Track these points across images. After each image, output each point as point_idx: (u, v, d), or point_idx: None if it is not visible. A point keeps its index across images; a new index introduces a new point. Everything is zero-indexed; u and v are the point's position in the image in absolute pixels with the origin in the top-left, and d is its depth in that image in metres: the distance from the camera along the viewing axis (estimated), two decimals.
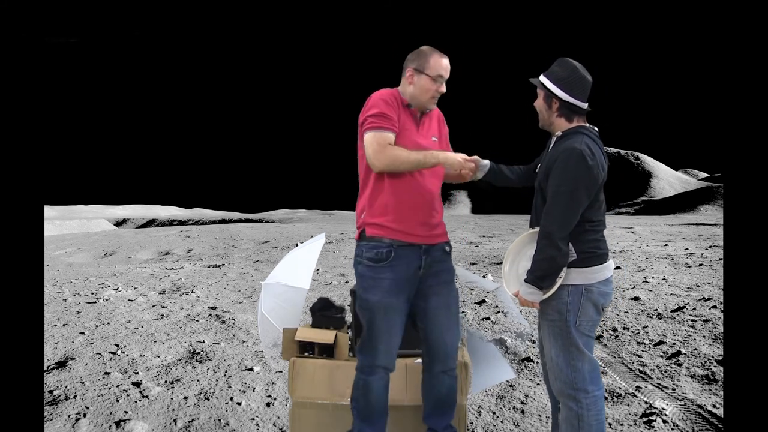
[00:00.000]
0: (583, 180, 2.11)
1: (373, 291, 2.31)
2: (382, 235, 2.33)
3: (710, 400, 3.31)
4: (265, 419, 3.20)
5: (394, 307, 2.33)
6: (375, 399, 2.38)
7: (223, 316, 5.73)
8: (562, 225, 2.13)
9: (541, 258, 2.16)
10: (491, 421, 3.15)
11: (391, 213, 2.34)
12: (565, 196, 2.11)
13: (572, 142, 2.17)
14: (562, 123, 2.29)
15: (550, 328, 2.25)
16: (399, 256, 2.32)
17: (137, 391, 3.60)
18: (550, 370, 2.29)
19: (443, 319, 2.42)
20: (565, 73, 2.26)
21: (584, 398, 2.21)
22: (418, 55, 2.41)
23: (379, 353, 2.34)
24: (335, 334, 2.64)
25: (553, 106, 2.28)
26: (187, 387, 3.69)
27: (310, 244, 3.05)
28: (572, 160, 2.12)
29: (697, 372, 3.76)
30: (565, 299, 2.21)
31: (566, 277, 2.20)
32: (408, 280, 2.35)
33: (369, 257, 2.33)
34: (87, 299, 6.89)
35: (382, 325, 2.33)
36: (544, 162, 2.31)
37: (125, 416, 3.22)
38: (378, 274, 2.31)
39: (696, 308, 5.48)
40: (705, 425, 3.01)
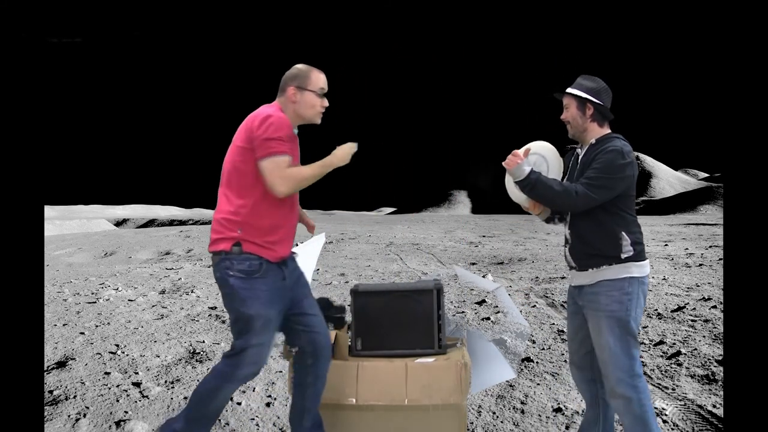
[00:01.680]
0: (622, 173, 2.34)
1: (252, 303, 2.35)
2: (257, 254, 2.38)
3: (710, 400, 3.31)
4: (265, 419, 3.20)
5: (271, 318, 2.40)
6: (216, 405, 2.42)
7: (223, 316, 5.73)
8: (588, 200, 2.32)
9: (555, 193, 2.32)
10: (491, 421, 3.15)
11: (271, 235, 2.41)
12: (607, 183, 2.31)
13: (612, 144, 2.39)
14: (595, 128, 2.48)
15: (608, 320, 2.35)
16: (268, 270, 2.40)
17: (137, 391, 3.60)
18: (607, 360, 2.36)
19: (321, 316, 2.58)
20: (593, 84, 2.47)
21: (641, 384, 2.33)
22: (297, 73, 2.51)
23: (245, 363, 2.38)
24: (335, 334, 2.64)
25: (587, 112, 2.46)
26: (187, 387, 3.69)
27: (310, 244, 3.05)
28: (617, 155, 2.33)
29: (697, 372, 3.76)
30: (627, 290, 2.35)
31: (627, 269, 2.36)
32: (279, 291, 2.43)
33: (241, 269, 2.35)
34: (87, 299, 6.89)
35: (258, 337, 2.37)
36: (578, 168, 2.50)
37: (125, 416, 3.22)
38: (253, 286, 2.36)
39: (696, 308, 5.48)
40: (705, 425, 3.01)
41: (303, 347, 2.54)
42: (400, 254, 11.73)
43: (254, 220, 2.38)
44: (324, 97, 2.54)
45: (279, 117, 2.38)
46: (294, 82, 2.49)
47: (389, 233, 17.67)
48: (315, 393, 2.52)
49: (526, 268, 9.17)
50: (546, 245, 12.83)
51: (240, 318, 2.37)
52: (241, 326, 2.37)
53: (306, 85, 2.48)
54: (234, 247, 2.36)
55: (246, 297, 2.35)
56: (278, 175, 2.31)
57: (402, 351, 2.58)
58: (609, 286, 2.35)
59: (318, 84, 2.51)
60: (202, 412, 2.41)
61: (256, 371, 2.43)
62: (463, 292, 6.81)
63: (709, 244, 11.93)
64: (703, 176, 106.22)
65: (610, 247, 2.37)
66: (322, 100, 2.53)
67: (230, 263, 2.36)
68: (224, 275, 2.38)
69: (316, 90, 2.50)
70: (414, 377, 2.54)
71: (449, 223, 25.34)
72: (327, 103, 2.55)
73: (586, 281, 2.43)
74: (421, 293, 2.60)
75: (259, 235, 2.39)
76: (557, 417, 3.18)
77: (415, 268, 9.52)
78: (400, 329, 2.61)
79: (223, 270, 2.38)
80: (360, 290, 2.63)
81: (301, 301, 2.55)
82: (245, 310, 2.35)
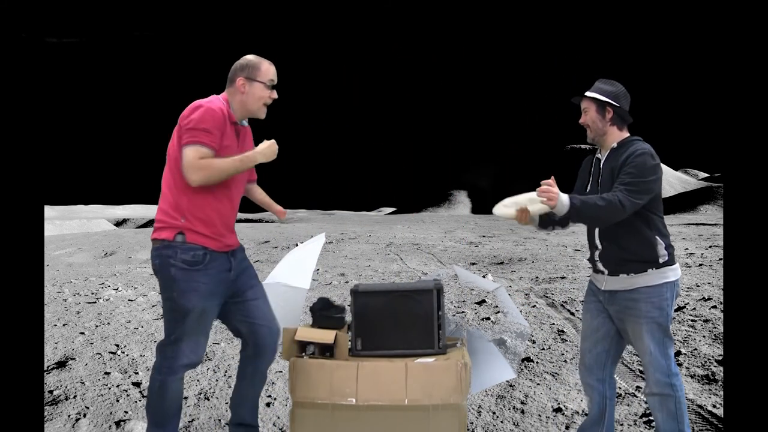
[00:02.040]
0: (656, 174, 2.36)
1: (189, 296, 2.35)
2: (202, 244, 2.37)
3: (710, 400, 3.31)
4: (265, 419, 3.20)
5: (208, 310, 2.41)
6: (171, 400, 2.43)
7: None
8: (633, 206, 2.30)
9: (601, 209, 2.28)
10: (491, 421, 3.15)
11: (213, 225, 2.40)
12: (645, 186, 2.32)
13: (638, 146, 2.40)
14: (615, 132, 2.48)
15: (648, 326, 2.39)
16: (213, 260, 2.39)
17: (137, 391, 3.60)
18: (646, 364, 2.42)
19: (266, 309, 2.58)
20: (612, 88, 2.48)
21: (678, 382, 2.39)
22: (246, 64, 2.47)
23: (183, 354, 2.39)
24: (335, 334, 2.64)
25: (607, 115, 2.46)
26: (187, 387, 3.69)
27: (310, 244, 3.05)
28: (649, 158, 2.35)
29: (697, 372, 3.76)
30: (665, 296, 2.39)
31: (664, 275, 2.39)
32: (222, 282, 2.43)
33: (185, 259, 2.34)
34: (87, 299, 6.88)
35: (194, 328, 2.39)
36: (602, 173, 2.50)
37: (125, 416, 3.22)
38: (193, 278, 2.35)
39: (696, 308, 5.48)
40: (705, 425, 3.01)
41: (244, 337, 2.59)
42: (400, 254, 11.73)
43: (196, 210, 2.37)
44: (273, 89, 2.51)
45: (210, 108, 2.34)
46: (243, 73, 2.46)
47: (389, 233, 17.67)
48: (251, 384, 2.59)
49: (526, 268, 9.17)
50: (546, 245, 12.83)
51: (176, 309, 2.37)
52: (177, 317, 2.38)
53: (255, 76, 2.45)
54: (177, 235, 2.35)
55: (185, 289, 2.34)
56: (193, 164, 2.28)
57: (402, 351, 2.58)
58: (648, 293, 2.38)
59: (268, 75, 2.48)
60: (161, 413, 2.42)
61: (195, 361, 2.45)
62: (463, 292, 6.81)
63: (709, 244, 11.93)
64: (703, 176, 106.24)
65: (647, 251, 2.39)
66: (271, 92, 2.50)
67: (173, 251, 2.35)
68: (165, 263, 2.36)
69: (265, 81, 2.47)
70: (414, 377, 2.54)
71: (449, 223, 25.33)
72: (276, 95, 2.52)
73: (620, 287, 2.44)
74: (421, 293, 2.60)
75: (203, 225, 2.38)
76: (557, 417, 3.18)
77: (415, 268, 9.52)
78: (400, 329, 2.61)
79: (164, 258, 2.37)
80: (360, 290, 2.63)
81: (245, 291, 2.55)
82: (183, 302, 2.35)
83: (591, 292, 2.63)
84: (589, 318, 2.61)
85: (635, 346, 2.47)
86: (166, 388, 2.40)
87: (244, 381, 2.62)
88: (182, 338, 2.38)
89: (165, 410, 2.42)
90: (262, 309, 2.58)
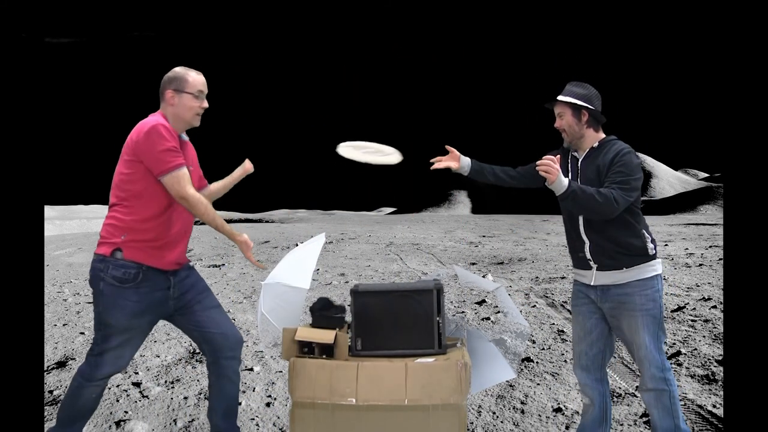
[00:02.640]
0: (641, 172, 2.43)
1: (114, 312, 2.35)
2: (140, 261, 2.37)
3: (710, 400, 3.31)
4: (265, 419, 3.20)
5: (135, 327, 2.41)
6: (83, 404, 2.44)
7: None
8: (624, 203, 2.33)
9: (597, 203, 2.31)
10: (491, 421, 3.15)
11: (155, 243, 2.39)
12: (636, 184, 2.37)
13: (621, 145, 2.45)
14: (591, 134, 2.52)
15: (644, 318, 2.40)
16: (147, 279, 2.38)
17: (137, 391, 3.60)
18: (642, 358, 2.42)
19: (219, 317, 2.58)
20: (584, 91, 2.51)
21: (671, 377, 2.40)
22: (174, 76, 2.48)
23: (105, 364, 2.40)
24: (335, 334, 2.64)
25: (583, 118, 2.49)
26: (187, 387, 3.69)
27: (310, 244, 3.05)
28: (634, 156, 2.42)
29: (697, 372, 3.76)
30: (657, 287, 2.42)
31: (654, 267, 2.43)
32: (155, 302, 2.42)
33: (115, 275, 2.34)
34: (87, 299, 6.88)
35: (118, 343, 2.40)
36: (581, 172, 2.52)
37: (125, 416, 3.22)
38: (122, 296, 2.35)
39: (696, 308, 5.48)
40: (705, 425, 3.01)
41: (200, 346, 2.61)
42: (400, 254, 11.73)
43: (139, 227, 2.37)
44: (203, 98, 2.52)
45: (159, 126, 2.35)
46: (171, 86, 2.47)
47: (389, 233, 17.67)
48: (219, 391, 2.59)
49: (526, 268, 9.17)
50: (546, 245, 12.83)
51: (101, 323, 2.39)
52: (101, 330, 2.40)
53: (183, 87, 2.46)
54: (115, 251, 2.36)
55: (110, 305, 2.35)
56: (183, 192, 2.32)
57: (402, 351, 2.58)
58: (642, 285, 2.40)
59: (196, 86, 2.48)
60: (71, 412, 2.44)
61: (116, 371, 2.47)
62: (463, 292, 6.81)
63: (709, 244, 11.93)
64: (703, 176, 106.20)
65: (638, 245, 2.42)
66: (201, 102, 2.50)
67: (105, 266, 2.35)
68: (96, 276, 2.38)
69: (193, 92, 2.47)
70: (414, 377, 2.54)
71: (449, 223, 25.33)
72: (206, 104, 2.53)
73: (612, 281, 2.45)
74: (421, 293, 2.60)
75: (143, 242, 2.38)
76: (557, 417, 3.18)
77: (415, 268, 9.52)
78: (400, 329, 2.61)
79: (96, 271, 2.38)
80: (360, 290, 2.63)
81: (193, 305, 2.55)
82: (106, 317, 2.36)
83: (579, 293, 2.62)
84: (582, 320, 2.61)
85: (629, 340, 2.46)
86: (83, 391, 2.42)
87: (212, 389, 2.64)
88: (106, 351, 2.40)
89: (75, 412, 2.44)
90: (214, 318, 2.58)
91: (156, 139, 2.32)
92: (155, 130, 2.33)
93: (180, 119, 2.48)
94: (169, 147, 2.33)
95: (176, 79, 2.47)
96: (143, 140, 2.34)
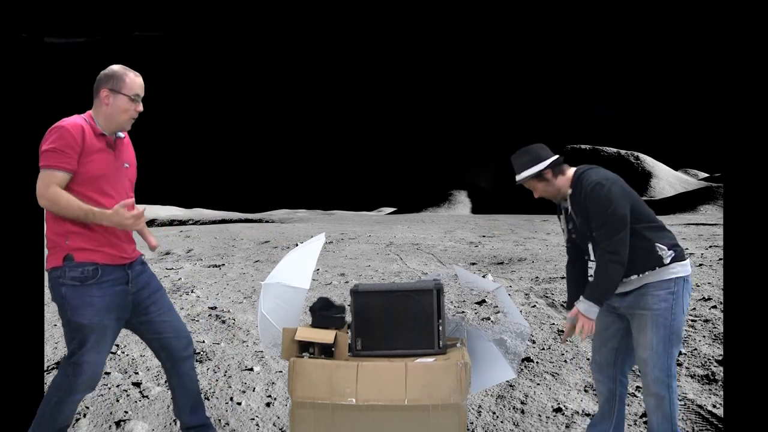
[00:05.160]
0: (612, 198, 2.34)
1: (83, 311, 2.30)
2: (92, 260, 2.32)
3: (710, 400, 3.31)
4: (265, 419, 3.20)
5: (105, 325, 2.36)
6: (62, 420, 2.39)
7: (223, 316, 5.73)
8: (624, 242, 2.32)
9: (609, 275, 2.33)
10: (491, 421, 3.15)
11: (100, 239, 2.34)
12: (615, 217, 2.32)
13: (584, 181, 2.43)
14: (563, 181, 2.52)
15: (653, 318, 2.38)
16: (106, 273, 2.34)
17: (137, 391, 3.60)
18: (647, 359, 2.41)
19: (173, 320, 2.59)
20: (528, 156, 2.53)
21: (674, 384, 2.40)
22: (111, 75, 2.38)
23: (84, 372, 2.36)
24: (335, 334, 2.64)
25: (547, 176, 2.51)
26: None
27: (310, 244, 3.05)
28: (597, 187, 2.36)
29: (697, 372, 3.76)
30: (673, 289, 2.39)
31: (672, 271, 2.39)
32: (118, 296, 2.38)
33: (74, 276, 2.29)
34: None
35: (94, 345, 2.34)
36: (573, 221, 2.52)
37: (125, 416, 3.22)
38: (86, 294, 2.30)
39: (696, 308, 5.48)
40: (705, 425, 3.01)
41: (157, 352, 2.61)
42: (400, 254, 11.73)
43: (78, 228, 2.31)
44: (139, 102, 2.42)
45: (62, 127, 2.28)
46: (108, 84, 2.37)
47: (389, 233, 17.67)
48: (183, 391, 2.62)
49: (526, 268, 9.17)
50: (546, 245, 12.83)
51: (73, 328, 2.33)
52: (76, 336, 2.33)
53: (120, 88, 2.36)
54: (65, 260, 2.30)
55: (77, 305, 2.30)
56: (41, 191, 2.25)
57: (402, 351, 2.59)
58: (656, 286, 2.40)
59: (132, 88, 2.38)
60: (50, 428, 2.37)
61: (94, 380, 2.42)
62: (463, 292, 6.81)
63: (709, 244, 11.93)
64: (703, 176, 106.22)
65: (649, 259, 2.40)
66: (136, 105, 2.41)
67: (61, 272, 2.30)
68: (55, 285, 2.33)
69: (130, 94, 2.37)
70: (414, 377, 2.54)
71: (449, 223, 25.33)
72: (141, 108, 2.43)
73: (629, 288, 2.45)
74: (421, 293, 2.60)
75: (89, 241, 2.32)
76: (557, 417, 3.18)
77: (415, 268, 9.52)
78: (400, 329, 2.61)
79: (54, 280, 2.33)
80: (360, 290, 2.63)
81: (148, 306, 2.53)
82: (78, 319, 2.30)
83: None
84: (600, 316, 2.61)
85: (636, 340, 2.46)
86: (63, 406, 2.37)
87: (175, 391, 2.66)
88: (82, 357, 2.34)
89: (55, 427, 2.38)
90: (170, 322, 2.59)
91: (47, 137, 2.29)
92: (50, 132, 2.29)
93: (112, 121, 2.39)
94: (54, 147, 2.25)
95: (113, 77, 2.37)
96: (46, 134, 2.31)
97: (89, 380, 2.40)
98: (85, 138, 2.31)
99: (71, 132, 2.28)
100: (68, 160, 2.26)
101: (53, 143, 2.25)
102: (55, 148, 2.24)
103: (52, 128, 2.30)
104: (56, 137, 2.27)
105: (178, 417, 2.70)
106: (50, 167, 2.24)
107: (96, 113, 2.40)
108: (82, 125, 2.33)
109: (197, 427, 2.68)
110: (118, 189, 2.43)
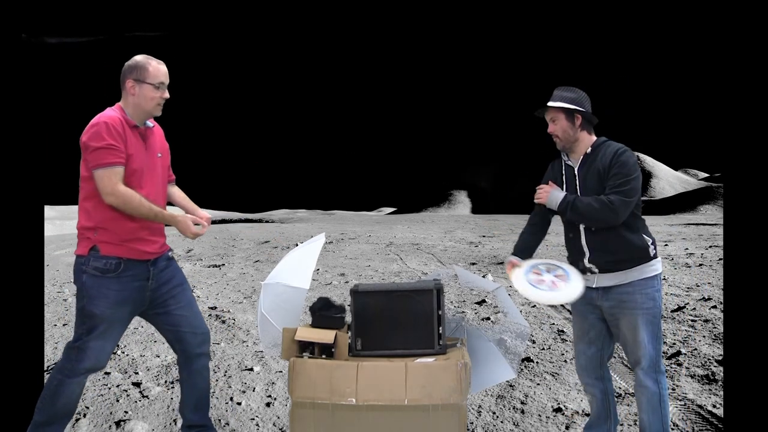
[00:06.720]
0: (639, 170, 2.41)
1: (98, 302, 2.36)
2: (117, 254, 2.38)
3: (710, 400, 3.31)
4: (265, 419, 3.20)
5: (117, 318, 2.41)
6: (64, 401, 2.42)
7: (223, 316, 5.73)
8: (628, 208, 2.34)
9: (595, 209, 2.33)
10: (491, 421, 3.16)
11: (127, 235, 2.39)
12: (636, 183, 2.35)
13: (616, 145, 2.43)
14: (585, 137, 2.50)
15: (644, 316, 2.40)
16: (128, 268, 2.40)
17: (137, 391, 3.60)
18: (639, 356, 2.43)
19: (191, 316, 2.62)
20: (574, 95, 2.49)
21: (662, 379, 2.43)
22: (135, 65, 2.45)
23: (86, 358, 2.40)
24: (335, 334, 2.64)
25: (576, 121, 2.47)
26: None
27: (310, 244, 3.05)
28: (630, 155, 2.39)
29: (697, 372, 3.76)
30: (657, 287, 2.43)
31: (654, 268, 2.43)
32: (135, 291, 2.43)
33: (96, 266, 2.36)
34: None
35: (100, 335, 2.39)
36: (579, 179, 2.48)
37: (125, 416, 3.22)
38: (104, 286, 2.36)
39: (696, 308, 5.48)
40: (705, 425, 3.01)
41: (172, 344, 2.65)
42: (400, 254, 11.73)
43: (106, 223, 2.37)
44: (164, 89, 2.48)
45: (102, 123, 2.33)
46: (132, 75, 2.44)
47: (389, 233, 17.67)
48: (191, 387, 2.64)
49: None
50: (546, 245, 12.83)
51: (85, 315, 2.39)
52: (86, 322, 2.39)
53: (144, 77, 2.43)
54: (91, 250, 2.37)
55: (94, 295, 2.36)
56: (110, 190, 2.30)
57: (402, 351, 2.59)
58: (643, 284, 2.41)
59: (157, 76, 2.45)
60: (51, 412, 2.41)
61: (97, 366, 2.46)
62: (463, 292, 6.81)
63: (709, 244, 11.93)
64: (703, 176, 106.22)
65: (639, 248, 2.42)
66: (162, 92, 2.47)
67: (85, 260, 2.37)
68: (79, 270, 2.40)
69: (154, 83, 2.44)
70: (414, 377, 2.54)
71: (449, 223, 25.34)
72: (167, 95, 2.50)
73: (614, 282, 2.45)
74: (421, 293, 2.60)
75: (115, 236, 2.38)
76: (557, 417, 3.18)
77: (415, 268, 9.52)
78: (400, 329, 2.61)
79: (78, 266, 2.41)
80: (360, 290, 2.63)
81: (167, 300, 2.56)
82: (91, 308, 2.36)
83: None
84: (580, 320, 2.63)
85: (628, 339, 2.46)
86: (63, 388, 2.41)
87: (184, 385, 2.68)
88: (88, 343, 2.39)
89: (56, 410, 2.41)
90: (187, 317, 2.62)
91: (93, 136, 2.31)
92: (95, 128, 2.32)
93: (140, 109, 2.45)
94: (102, 144, 2.30)
95: (137, 68, 2.44)
96: (84, 137, 2.34)
97: (92, 366, 2.44)
98: (126, 131, 2.39)
99: (116, 127, 2.35)
100: (121, 155, 2.34)
101: (99, 140, 2.30)
102: (109, 145, 2.30)
103: (95, 124, 2.33)
104: (99, 134, 2.31)
105: (180, 412, 2.72)
106: (111, 164, 2.31)
107: (125, 104, 2.46)
108: (120, 118, 2.39)
109: (197, 427, 2.68)
110: (153, 179, 2.50)
